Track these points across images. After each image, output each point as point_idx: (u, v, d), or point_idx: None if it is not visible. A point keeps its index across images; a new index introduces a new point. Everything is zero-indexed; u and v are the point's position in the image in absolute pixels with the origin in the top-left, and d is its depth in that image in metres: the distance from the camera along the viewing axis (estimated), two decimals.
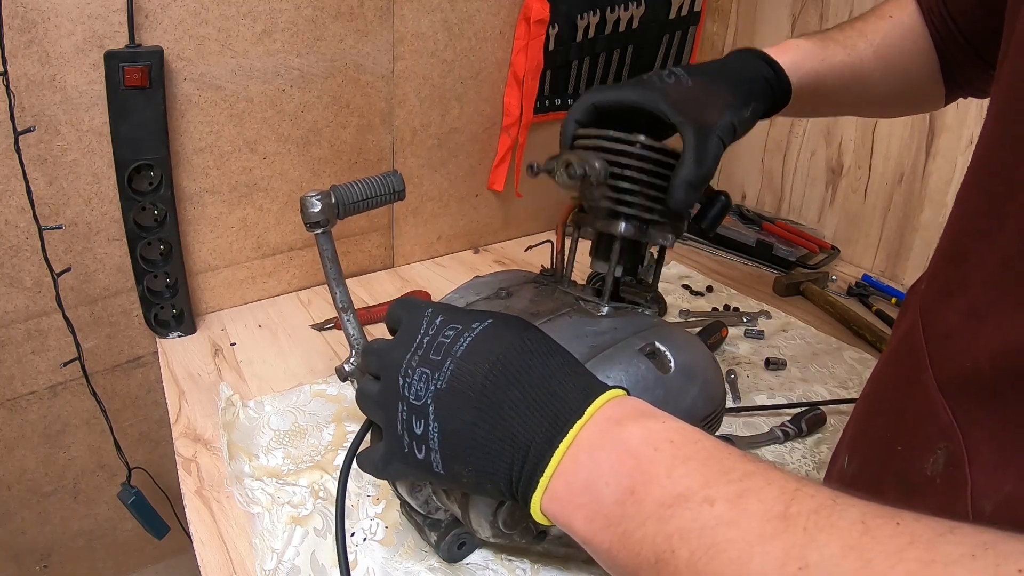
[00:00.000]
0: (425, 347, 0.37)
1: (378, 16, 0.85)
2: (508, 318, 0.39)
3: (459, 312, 0.40)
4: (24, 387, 0.78)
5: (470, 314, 0.39)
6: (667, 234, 0.54)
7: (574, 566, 0.54)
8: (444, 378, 0.36)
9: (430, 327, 0.38)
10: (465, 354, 0.36)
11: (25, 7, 0.62)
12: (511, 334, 0.37)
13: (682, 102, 0.48)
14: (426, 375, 0.36)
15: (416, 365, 0.37)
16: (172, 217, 0.76)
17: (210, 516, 0.57)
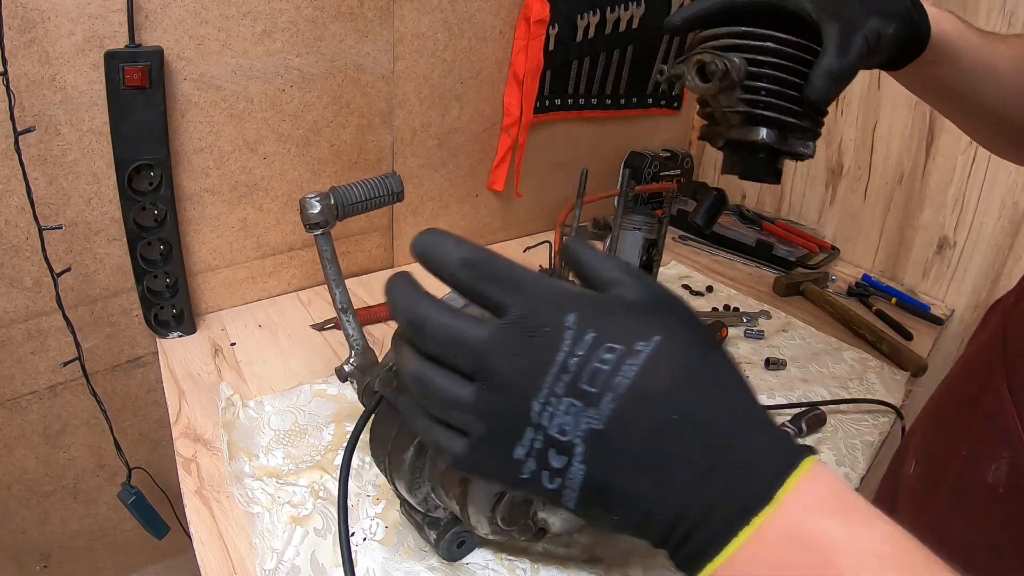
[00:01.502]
0: (573, 371, 0.28)
1: (378, 16, 0.85)
2: (680, 330, 0.29)
3: (611, 318, 0.29)
4: (24, 387, 0.78)
5: (628, 323, 0.29)
6: (807, 141, 0.49)
7: (574, 566, 0.54)
8: (602, 419, 0.28)
9: (578, 344, 0.28)
10: (630, 393, 0.27)
11: (25, 7, 0.62)
12: (688, 363, 0.28)
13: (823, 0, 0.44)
14: (576, 408, 0.28)
15: (562, 393, 0.28)
16: (172, 217, 0.76)
17: (210, 516, 0.57)
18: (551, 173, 1.17)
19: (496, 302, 0.31)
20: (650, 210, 0.77)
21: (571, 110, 1.11)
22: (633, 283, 0.31)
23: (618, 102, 1.17)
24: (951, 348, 1.08)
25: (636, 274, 0.32)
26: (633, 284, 0.31)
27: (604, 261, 0.33)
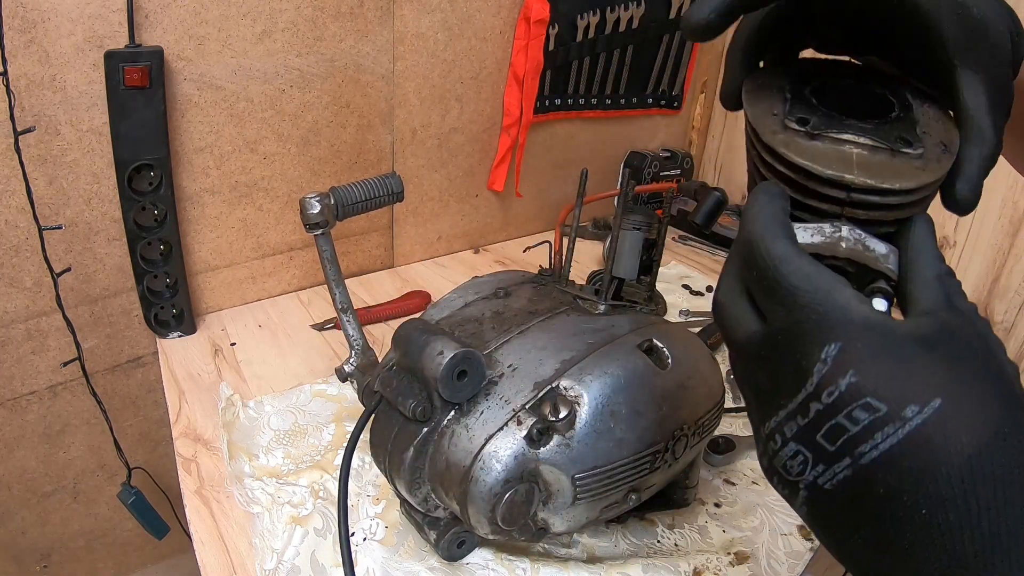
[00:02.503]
0: (811, 418, 0.23)
1: (378, 16, 0.85)
2: (978, 396, 0.22)
3: (886, 360, 0.23)
4: (24, 387, 0.78)
5: (907, 372, 0.22)
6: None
7: (574, 566, 0.54)
8: (832, 479, 0.23)
9: (828, 387, 0.23)
10: (877, 464, 0.22)
11: (25, 7, 0.63)
12: (969, 446, 0.21)
13: (968, 21, 0.28)
14: (803, 458, 0.24)
15: (791, 437, 0.24)
16: (172, 217, 0.76)
17: (210, 516, 0.57)
18: (551, 173, 1.17)
19: (763, 308, 0.27)
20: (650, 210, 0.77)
21: (571, 110, 1.11)
22: (940, 300, 0.25)
23: (618, 102, 1.17)
24: None
25: (950, 291, 0.26)
26: (940, 301, 0.25)
27: (931, 257, 0.28)
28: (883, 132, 0.30)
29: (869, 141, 0.30)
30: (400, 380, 0.49)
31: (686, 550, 0.57)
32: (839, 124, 0.31)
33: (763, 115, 0.32)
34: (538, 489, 0.46)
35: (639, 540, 0.57)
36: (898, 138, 0.30)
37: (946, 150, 0.30)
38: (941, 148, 0.30)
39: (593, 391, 0.46)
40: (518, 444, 0.45)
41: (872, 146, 0.30)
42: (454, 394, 0.46)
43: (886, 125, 0.31)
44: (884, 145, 0.30)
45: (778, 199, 0.29)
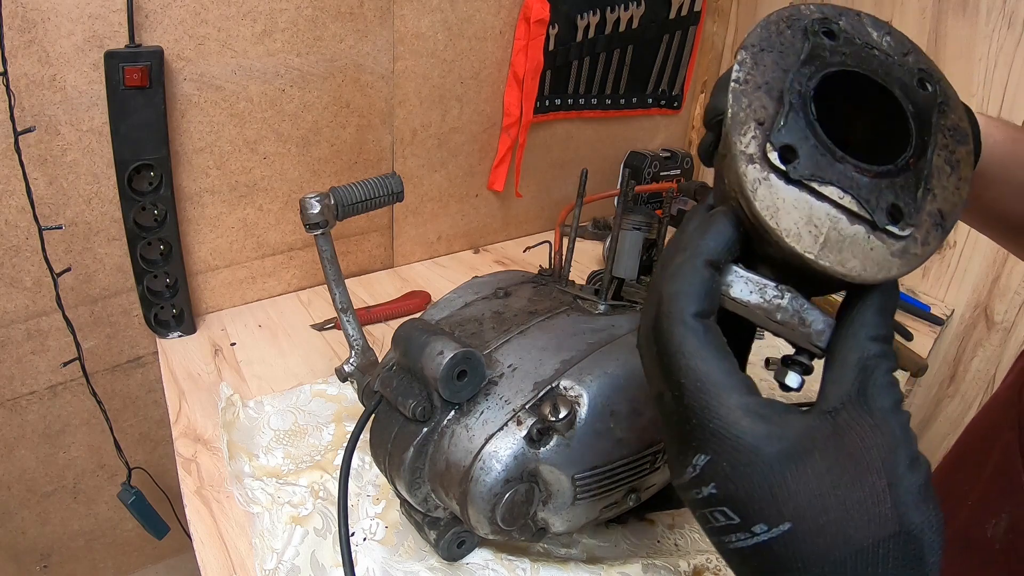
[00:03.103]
0: (691, 499, 0.26)
1: (378, 16, 0.85)
2: (832, 523, 0.23)
3: (747, 475, 0.24)
4: (24, 387, 0.78)
5: (763, 489, 0.24)
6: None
7: (574, 566, 0.54)
8: (718, 543, 0.26)
9: (695, 489, 0.26)
10: (736, 554, 0.25)
11: (25, 7, 0.62)
12: (813, 568, 0.23)
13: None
14: (700, 519, 0.27)
15: (682, 496, 0.28)
16: (172, 217, 0.76)
17: (210, 516, 0.57)
18: (551, 173, 1.17)
19: (661, 375, 0.27)
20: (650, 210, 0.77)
21: (571, 110, 1.11)
22: (850, 396, 0.25)
23: (618, 102, 1.17)
24: (951, 348, 1.08)
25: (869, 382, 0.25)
26: (847, 397, 0.25)
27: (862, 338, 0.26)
28: (876, 191, 0.27)
29: (853, 204, 0.26)
30: (400, 380, 0.49)
31: (686, 550, 0.57)
32: (828, 167, 0.27)
33: (744, 122, 0.27)
34: (538, 489, 0.46)
35: (639, 540, 0.57)
36: (891, 207, 0.27)
37: (940, 225, 0.27)
38: (934, 221, 0.27)
39: (593, 391, 0.46)
40: (518, 444, 0.45)
41: (853, 213, 0.26)
42: (454, 394, 0.46)
43: (886, 179, 0.27)
44: (867, 215, 0.26)
45: (716, 240, 0.27)
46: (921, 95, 0.29)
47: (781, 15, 0.30)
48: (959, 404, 1.09)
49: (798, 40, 0.30)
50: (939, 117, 0.29)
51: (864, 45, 0.30)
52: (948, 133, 0.29)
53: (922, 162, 0.28)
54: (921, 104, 0.29)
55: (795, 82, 0.28)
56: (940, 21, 0.98)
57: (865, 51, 0.30)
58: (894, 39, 0.30)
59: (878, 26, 0.31)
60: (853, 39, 0.30)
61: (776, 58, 0.29)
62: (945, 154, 0.28)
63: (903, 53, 0.30)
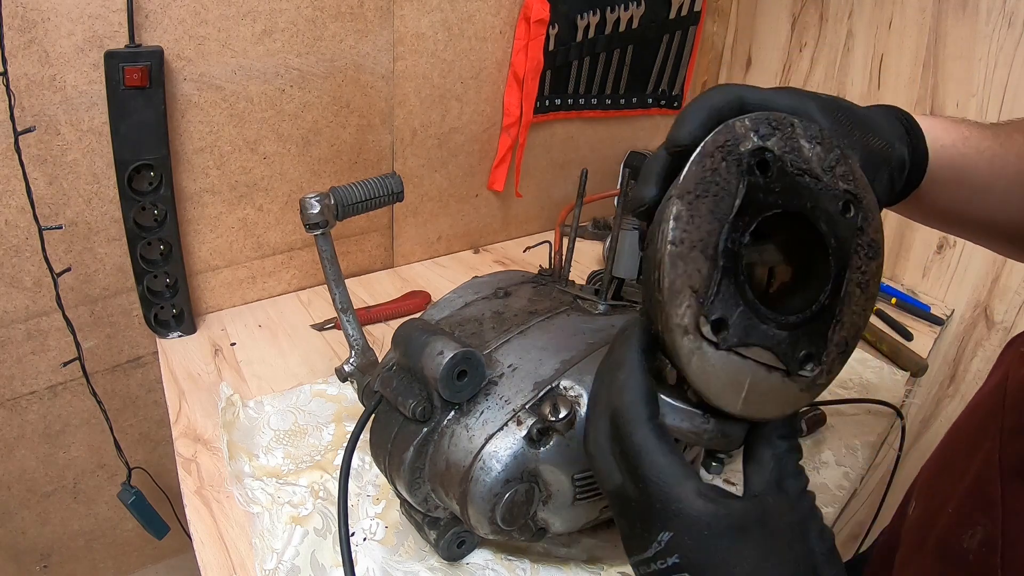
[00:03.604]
0: (652, 572, 0.30)
1: (378, 16, 0.85)
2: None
3: (704, 546, 0.29)
4: (24, 387, 0.78)
5: (718, 557, 0.29)
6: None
7: (574, 566, 0.54)
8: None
9: (659, 561, 0.30)
10: None
11: (25, 7, 0.62)
12: None
13: (843, 124, 0.37)
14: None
15: (639, 573, 0.31)
16: (172, 217, 0.76)
17: (210, 516, 0.57)
18: (551, 173, 1.17)
19: (622, 470, 0.32)
20: None
21: (571, 110, 1.11)
22: (770, 483, 0.31)
23: (618, 102, 1.17)
24: (951, 348, 1.08)
25: (783, 472, 0.31)
26: (768, 484, 0.31)
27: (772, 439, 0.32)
28: (794, 344, 0.31)
29: (772, 360, 0.31)
30: (400, 380, 0.49)
31: None
32: (754, 330, 0.30)
33: (680, 290, 0.30)
34: (538, 489, 0.46)
35: None
36: (804, 356, 0.31)
37: (844, 352, 0.31)
38: (840, 350, 0.31)
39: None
40: (518, 444, 0.45)
41: (770, 367, 0.31)
42: (454, 394, 0.46)
43: (803, 328, 0.31)
44: (782, 367, 0.31)
45: (648, 357, 0.32)
46: (843, 222, 0.32)
47: (717, 142, 0.31)
48: (959, 404, 1.09)
49: (733, 178, 0.31)
50: (857, 239, 0.32)
51: (795, 172, 0.32)
52: (863, 252, 0.32)
53: (836, 300, 0.31)
54: (842, 234, 0.32)
55: (728, 240, 0.30)
56: (940, 21, 0.98)
57: (797, 179, 0.32)
58: (824, 148, 0.32)
59: (809, 135, 0.32)
60: (785, 166, 0.31)
61: (711, 205, 0.30)
62: (858, 276, 0.32)
63: (831, 166, 0.32)
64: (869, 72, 1.08)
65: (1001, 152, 0.44)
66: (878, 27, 1.05)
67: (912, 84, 1.03)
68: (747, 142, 0.31)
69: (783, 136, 0.32)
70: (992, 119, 0.95)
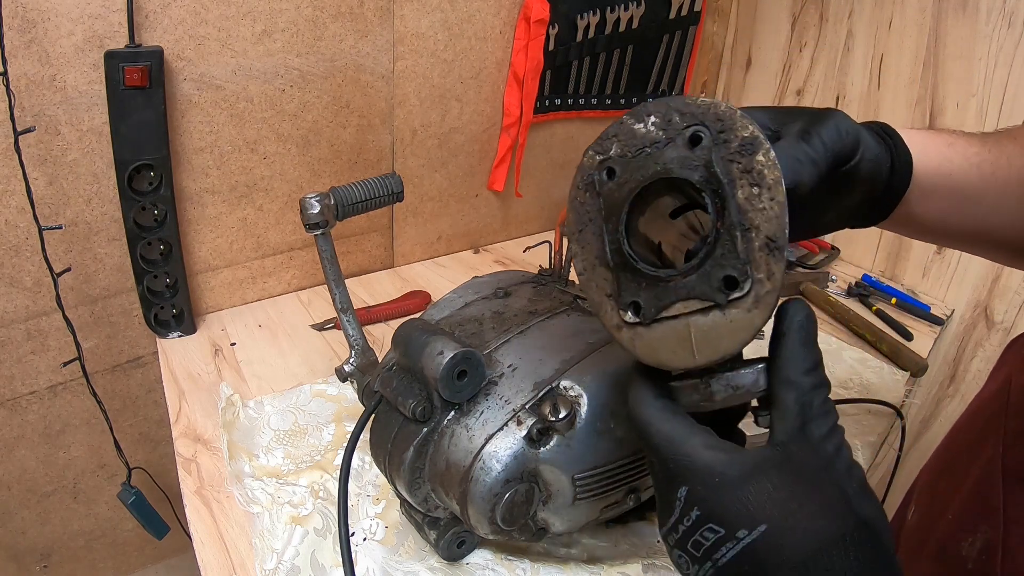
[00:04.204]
0: (681, 534, 0.31)
1: (378, 16, 0.85)
2: (800, 520, 0.28)
3: (722, 496, 0.30)
4: (24, 387, 0.78)
5: (738, 504, 0.29)
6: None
7: (574, 566, 0.54)
8: (705, 574, 0.30)
9: (685, 517, 0.31)
10: (728, 566, 0.29)
11: (25, 7, 0.62)
12: (792, 558, 0.28)
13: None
14: (686, 559, 0.31)
15: (673, 544, 0.32)
16: (172, 217, 0.76)
17: (210, 516, 0.57)
18: (551, 173, 1.17)
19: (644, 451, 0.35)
20: None
21: (571, 110, 1.11)
22: (793, 430, 0.30)
23: (618, 102, 1.17)
24: (951, 348, 1.08)
25: (808, 415, 0.31)
26: (792, 431, 0.30)
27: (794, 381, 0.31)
28: (707, 278, 0.31)
29: (697, 305, 0.32)
30: (400, 380, 0.49)
31: None
32: (665, 293, 0.32)
33: (601, 302, 0.35)
34: (538, 489, 0.46)
35: (639, 540, 0.57)
36: (722, 282, 0.31)
37: (774, 251, 0.30)
38: (768, 252, 0.30)
39: (593, 391, 0.46)
40: (518, 444, 0.45)
41: (702, 309, 0.32)
42: (454, 394, 0.46)
43: (708, 261, 0.31)
44: (712, 302, 0.31)
45: (652, 373, 0.34)
46: (700, 154, 0.32)
47: (576, 182, 0.37)
48: (959, 404, 1.09)
49: (592, 200, 0.36)
50: (723, 152, 0.32)
51: (638, 153, 0.35)
52: (738, 156, 0.32)
53: (728, 214, 0.31)
54: (701, 160, 0.32)
55: (609, 243, 0.35)
56: (940, 21, 0.98)
57: (642, 158, 0.34)
58: (658, 115, 0.34)
59: (640, 117, 0.35)
60: (627, 157, 0.35)
61: (592, 229, 0.36)
62: (747, 179, 0.31)
63: (667, 122, 0.34)
64: (869, 72, 1.08)
65: (991, 158, 0.43)
66: (878, 27, 1.05)
67: (912, 84, 1.03)
68: (592, 165, 0.36)
69: (619, 136, 0.35)
70: (992, 119, 0.95)
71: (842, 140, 0.37)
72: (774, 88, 1.24)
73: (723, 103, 0.33)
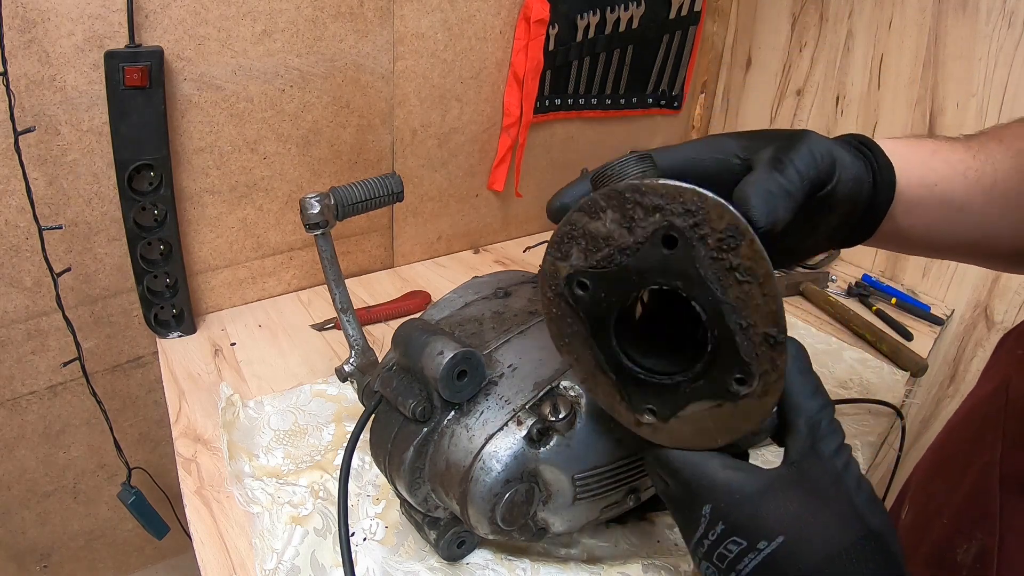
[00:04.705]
0: (707, 548, 0.33)
1: (378, 16, 0.85)
2: (814, 532, 0.31)
3: (743, 511, 0.32)
4: (24, 387, 0.78)
5: (758, 517, 0.32)
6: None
7: (574, 566, 0.54)
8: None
9: (710, 532, 0.33)
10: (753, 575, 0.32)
11: (25, 7, 0.62)
12: (805, 568, 0.30)
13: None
14: (713, 569, 0.33)
15: (701, 557, 0.34)
16: (172, 217, 0.76)
17: (210, 516, 0.57)
18: (551, 173, 1.17)
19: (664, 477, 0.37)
20: None
21: (571, 110, 1.11)
22: (805, 449, 0.33)
23: (618, 102, 1.17)
24: (951, 348, 1.08)
25: (818, 435, 0.33)
26: (804, 450, 0.33)
27: (802, 408, 0.34)
28: (714, 385, 0.33)
29: (710, 402, 0.33)
30: (400, 380, 0.49)
31: (686, 550, 0.56)
32: (677, 398, 0.34)
33: (611, 404, 0.37)
34: (538, 489, 0.46)
35: (639, 540, 0.57)
36: (732, 382, 0.32)
37: (773, 344, 0.30)
38: (767, 347, 0.30)
39: None
40: (518, 444, 0.45)
41: (716, 405, 0.33)
42: (454, 394, 0.46)
43: (714, 371, 0.32)
44: (724, 400, 0.33)
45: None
46: (675, 256, 0.30)
47: (545, 291, 0.36)
48: (959, 404, 1.09)
49: (570, 312, 0.35)
50: (703, 251, 0.29)
51: (607, 263, 0.32)
52: (721, 253, 0.29)
53: (723, 319, 0.30)
54: (680, 264, 0.30)
55: (605, 358, 0.35)
56: (940, 21, 0.98)
57: (615, 270, 0.32)
58: (614, 209, 0.31)
59: (595, 212, 0.32)
60: (597, 268, 0.33)
61: (580, 341, 0.36)
62: (735, 276, 0.29)
63: (629, 219, 0.31)
64: (869, 72, 1.08)
65: (975, 164, 0.41)
66: (878, 27, 1.05)
67: (912, 84, 1.03)
68: (558, 274, 0.34)
69: (577, 238, 0.33)
70: (992, 119, 0.95)
71: (817, 165, 0.35)
72: (774, 88, 1.24)
73: (687, 186, 0.29)
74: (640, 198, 0.30)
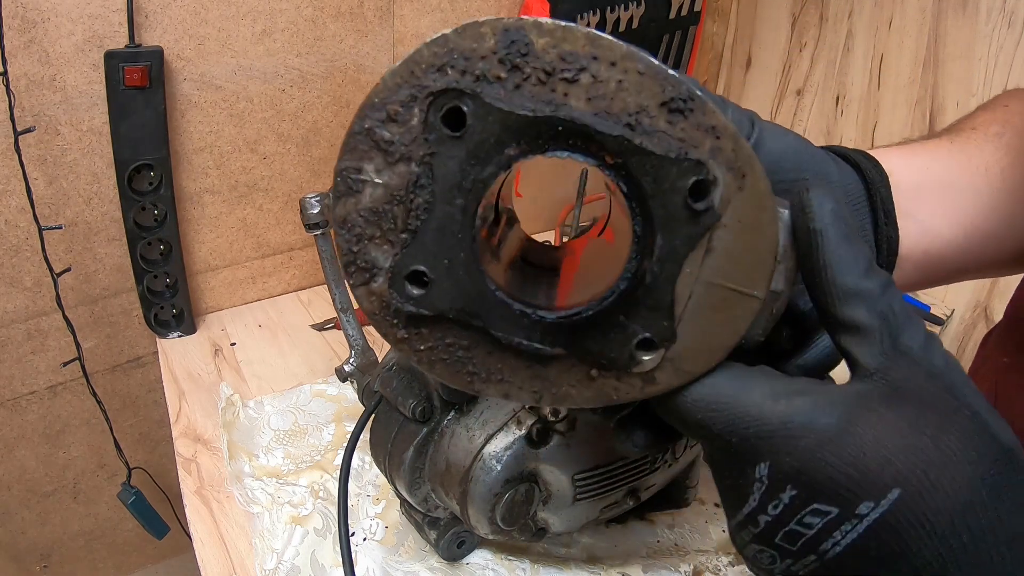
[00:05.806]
0: (764, 528, 0.23)
1: (378, 16, 0.85)
2: (950, 472, 0.20)
3: (825, 462, 0.21)
4: (24, 387, 0.78)
5: (854, 468, 0.21)
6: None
7: (573, 566, 0.54)
8: (803, 570, 0.22)
9: (770, 502, 0.22)
10: (846, 556, 0.21)
11: (25, 7, 0.62)
12: (937, 526, 0.20)
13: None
14: (770, 555, 0.23)
15: (749, 540, 0.24)
16: (172, 217, 0.76)
17: (210, 516, 0.57)
18: (551, 173, 1.17)
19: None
20: None
21: None
22: (880, 350, 0.22)
23: None
24: (951, 348, 1.08)
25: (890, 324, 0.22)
26: (878, 352, 0.22)
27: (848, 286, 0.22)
28: (672, 229, 0.23)
29: (693, 266, 0.23)
30: (400, 380, 0.49)
31: (686, 550, 0.56)
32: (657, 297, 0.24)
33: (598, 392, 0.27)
34: (538, 489, 0.46)
35: (639, 540, 0.57)
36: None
37: (684, 105, 0.22)
38: (683, 114, 0.22)
39: None
40: (518, 444, 0.45)
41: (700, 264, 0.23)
42: (454, 394, 0.46)
43: (661, 210, 0.23)
44: (697, 242, 0.23)
45: None
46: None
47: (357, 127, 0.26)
48: None
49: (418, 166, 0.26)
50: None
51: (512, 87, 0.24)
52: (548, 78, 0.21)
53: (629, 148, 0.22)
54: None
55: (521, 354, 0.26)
56: (940, 21, 0.98)
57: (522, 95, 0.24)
58: (499, 40, 0.23)
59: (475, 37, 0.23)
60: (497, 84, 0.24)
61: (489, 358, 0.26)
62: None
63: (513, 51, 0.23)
64: (869, 72, 1.08)
65: (973, 171, 0.36)
66: (878, 27, 1.05)
67: (912, 84, 1.03)
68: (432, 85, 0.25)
69: (452, 58, 0.24)
70: None
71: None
72: (774, 88, 1.24)
73: (579, 27, 0.22)
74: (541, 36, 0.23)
